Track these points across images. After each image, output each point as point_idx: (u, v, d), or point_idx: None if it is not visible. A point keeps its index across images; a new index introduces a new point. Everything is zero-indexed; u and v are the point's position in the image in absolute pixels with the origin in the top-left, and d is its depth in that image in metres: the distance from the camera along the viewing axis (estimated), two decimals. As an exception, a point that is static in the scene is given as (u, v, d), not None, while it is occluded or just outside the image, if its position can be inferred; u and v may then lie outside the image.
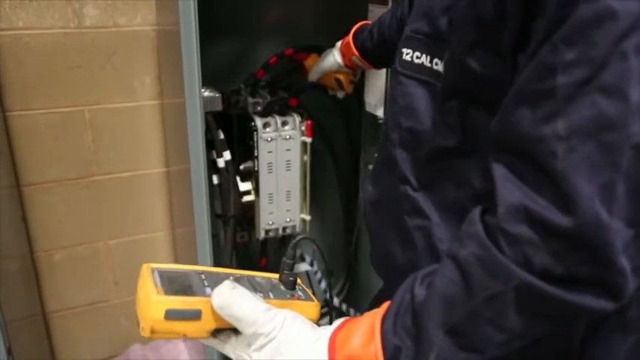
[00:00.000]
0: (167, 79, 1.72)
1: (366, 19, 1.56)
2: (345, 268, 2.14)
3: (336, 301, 2.07)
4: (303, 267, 1.99)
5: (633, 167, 0.50)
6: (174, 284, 0.65)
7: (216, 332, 0.66)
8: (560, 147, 0.51)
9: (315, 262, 1.97)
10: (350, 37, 1.44)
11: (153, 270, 0.67)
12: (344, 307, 2.05)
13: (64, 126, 1.69)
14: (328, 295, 1.97)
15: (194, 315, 0.64)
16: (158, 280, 0.65)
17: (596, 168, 0.50)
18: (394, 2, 1.50)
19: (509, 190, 0.55)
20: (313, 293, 0.79)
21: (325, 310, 2.01)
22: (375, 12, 1.62)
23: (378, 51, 1.36)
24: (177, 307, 0.63)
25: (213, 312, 0.64)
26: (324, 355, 0.62)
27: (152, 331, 0.62)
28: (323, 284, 1.96)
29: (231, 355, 0.67)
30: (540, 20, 0.55)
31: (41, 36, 1.58)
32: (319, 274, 1.97)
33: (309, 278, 2.02)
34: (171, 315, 0.62)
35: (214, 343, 0.68)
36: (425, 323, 0.59)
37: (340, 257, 2.14)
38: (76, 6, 1.59)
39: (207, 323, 0.65)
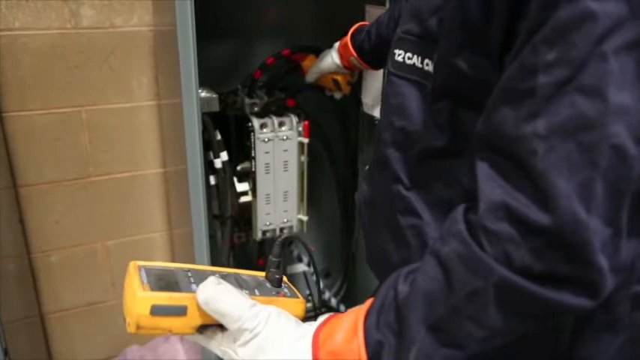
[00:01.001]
0: (164, 79, 1.73)
1: (363, 19, 1.56)
2: (343, 268, 2.14)
3: (333, 301, 2.06)
4: (301, 268, 1.99)
5: (611, 167, 0.51)
6: (161, 281, 0.66)
7: (202, 328, 0.67)
8: (541, 146, 0.52)
9: (312, 263, 1.97)
10: (348, 37, 1.44)
11: (140, 267, 0.68)
12: (342, 307, 2.05)
13: (61, 127, 1.69)
14: (326, 295, 1.97)
15: (179, 311, 0.64)
16: (144, 276, 0.66)
17: (574, 167, 0.51)
18: (392, 3, 1.51)
19: (491, 187, 0.56)
20: (310, 294, 0.79)
21: (324, 310, 2.02)
22: (372, 13, 1.62)
23: (376, 52, 1.36)
24: (163, 303, 0.63)
25: (199, 308, 0.64)
26: (308, 351, 0.63)
27: (138, 327, 0.63)
28: (321, 284, 1.96)
29: (216, 351, 0.68)
30: (524, 21, 0.55)
31: (38, 36, 1.59)
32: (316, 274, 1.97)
33: (306, 279, 2.02)
34: (156, 311, 0.63)
35: (200, 339, 0.68)
36: (407, 319, 0.59)
37: (338, 257, 2.14)
38: (72, 6, 1.60)
39: (193, 319, 0.65)
